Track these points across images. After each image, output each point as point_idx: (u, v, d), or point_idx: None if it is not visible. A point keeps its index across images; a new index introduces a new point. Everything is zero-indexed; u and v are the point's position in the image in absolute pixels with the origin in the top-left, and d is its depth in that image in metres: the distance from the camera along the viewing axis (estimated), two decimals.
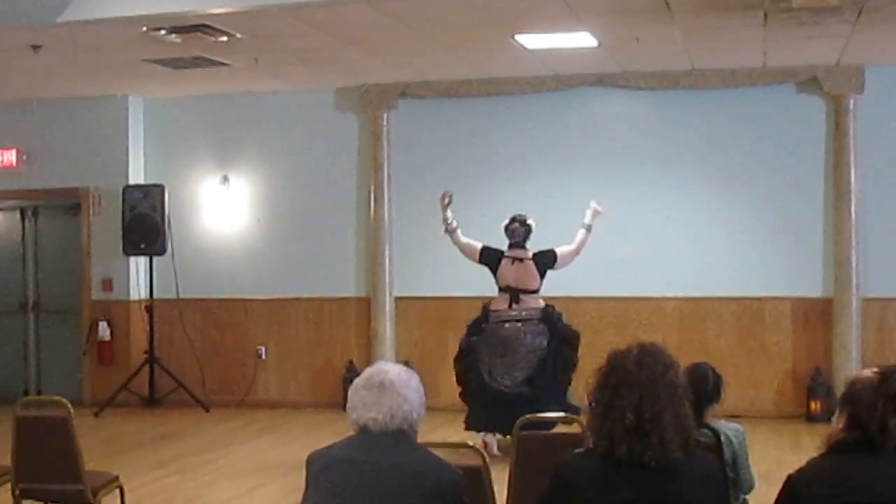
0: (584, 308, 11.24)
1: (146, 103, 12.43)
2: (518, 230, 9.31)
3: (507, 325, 9.15)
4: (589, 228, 9.47)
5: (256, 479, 8.59)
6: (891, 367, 3.31)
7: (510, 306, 9.18)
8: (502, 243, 9.37)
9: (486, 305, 9.35)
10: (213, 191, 12.31)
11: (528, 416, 5.55)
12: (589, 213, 9.51)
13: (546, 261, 9.30)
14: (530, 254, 9.29)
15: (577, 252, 9.44)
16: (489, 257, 9.33)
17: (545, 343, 9.10)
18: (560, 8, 8.17)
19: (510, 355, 9.07)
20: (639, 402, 3.28)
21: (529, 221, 9.34)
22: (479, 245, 9.42)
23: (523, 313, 9.16)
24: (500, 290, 9.27)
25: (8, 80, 11.06)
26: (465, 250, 9.50)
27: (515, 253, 9.27)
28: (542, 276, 9.29)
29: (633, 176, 11.21)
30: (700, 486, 3.33)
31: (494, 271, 9.30)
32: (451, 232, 9.49)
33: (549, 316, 9.25)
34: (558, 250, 9.36)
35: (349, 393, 3.59)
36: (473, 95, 11.47)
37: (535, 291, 9.27)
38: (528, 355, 9.06)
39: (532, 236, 9.34)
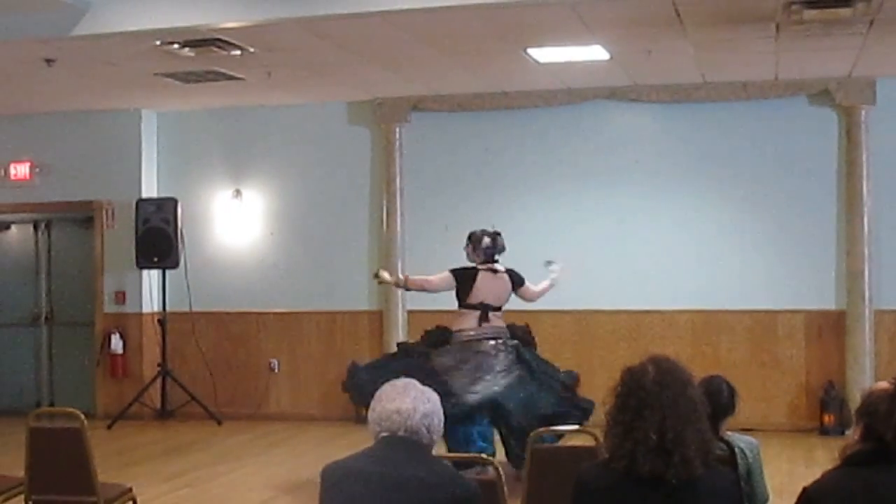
0: (596, 322, 11.25)
1: (159, 117, 12.48)
2: (500, 242, 8.73)
3: (481, 342, 8.51)
4: (553, 283, 9.02)
5: (268, 491, 8.59)
6: None
7: (480, 325, 8.54)
8: (512, 259, 8.99)
9: (445, 328, 8.70)
10: (225, 204, 12.34)
11: (541, 430, 5.55)
12: (553, 276, 9.02)
13: (517, 279, 8.79)
14: (503, 268, 8.77)
15: (538, 293, 8.98)
16: (464, 276, 8.61)
17: (516, 363, 8.51)
18: (572, 21, 8.19)
19: (481, 373, 8.36)
20: (661, 424, 3.27)
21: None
22: (445, 273, 8.70)
23: (497, 332, 8.58)
24: (469, 307, 8.58)
25: (22, 94, 11.11)
26: (431, 286, 8.78)
27: (490, 266, 8.68)
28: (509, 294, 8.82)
29: (645, 189, 11.21)
30: (718, 499, 3.33)
31: (470, 288, 8.59)
32: (405, 285, 9.02)
33: (515, 331, 8.75)
34: (527, 281, 8.90)
35: (372, 401, 3.60)
36: (486, 109, 11.49)
37: (499, 309, 8.71)
38: (500, 373, 8.40)
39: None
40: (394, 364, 8.41)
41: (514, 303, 9.04)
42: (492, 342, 8.55)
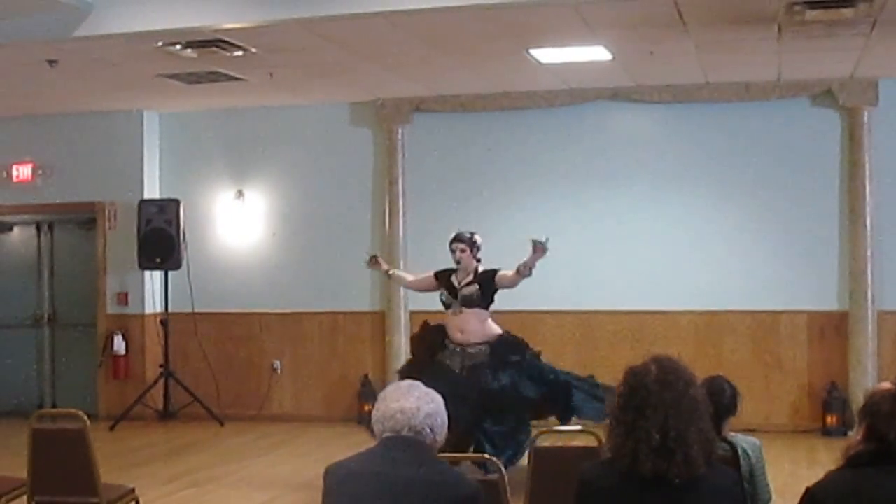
0: (599, 322, 11.24)
1: (161, 118, 12.48)
2: None
3: None
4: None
5: (270, 492, 8.60)
6: None
7: None
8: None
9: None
10: (228, 205, 12.34)
11: (543, 430, 5.55)
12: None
13: None
14: None
15: None
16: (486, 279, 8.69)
17: None
18: (574, 22, 8.18)
19: None
20: (664, 423, 3.28)
21: None
22: (508, 271, 8.49)
23: None
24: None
25: (24, 95, 11.11)
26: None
27: None
28: None
29: (647, 189, 11.21)
30: (720, 498, 3.33)
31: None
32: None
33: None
34: None
35: (377, 402, 3.60)
36: (488, 110, 11.48)
37: None
38: None
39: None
40: None
41: (516, 303, 9.06)
42: None
